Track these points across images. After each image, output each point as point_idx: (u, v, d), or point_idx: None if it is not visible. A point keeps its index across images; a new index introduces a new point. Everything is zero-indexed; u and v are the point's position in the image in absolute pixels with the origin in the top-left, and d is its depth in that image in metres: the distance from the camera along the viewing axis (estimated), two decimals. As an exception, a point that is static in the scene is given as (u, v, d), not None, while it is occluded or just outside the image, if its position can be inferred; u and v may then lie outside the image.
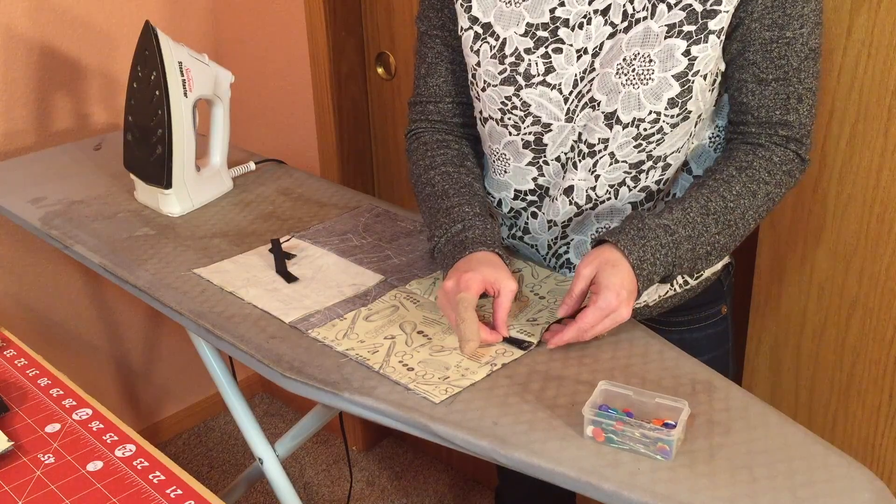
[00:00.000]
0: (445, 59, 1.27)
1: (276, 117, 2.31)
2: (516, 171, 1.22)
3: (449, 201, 1.20)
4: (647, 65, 1.08)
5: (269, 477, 1.55)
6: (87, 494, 0.95)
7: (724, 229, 1.10)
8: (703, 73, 1.09)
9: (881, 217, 1.40)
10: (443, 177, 1.24)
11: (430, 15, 1.26)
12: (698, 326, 1.33)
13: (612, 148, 1.13)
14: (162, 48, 1.46)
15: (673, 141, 1.13)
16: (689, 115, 1.12)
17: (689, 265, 1.10)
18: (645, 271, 1.05)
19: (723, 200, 1.10)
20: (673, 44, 1.07)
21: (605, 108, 1.11)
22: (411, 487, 2.35)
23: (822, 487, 0.85)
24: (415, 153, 1.31)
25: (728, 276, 1.35)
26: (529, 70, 1.14)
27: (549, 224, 1.23)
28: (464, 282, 1.08)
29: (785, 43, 1.08)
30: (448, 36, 1.25)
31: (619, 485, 0.87)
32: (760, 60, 1.10)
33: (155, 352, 2.48)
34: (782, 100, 1.11)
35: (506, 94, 1.16)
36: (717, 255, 1.12)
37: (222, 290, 1.27)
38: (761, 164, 1.12)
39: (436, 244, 1.19)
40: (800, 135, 1.13)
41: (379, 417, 1.01)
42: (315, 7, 2.03)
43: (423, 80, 1.30)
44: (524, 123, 1.17)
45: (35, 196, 1.63)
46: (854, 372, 1.52)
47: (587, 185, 1.17)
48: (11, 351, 1.22)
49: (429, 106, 1.31)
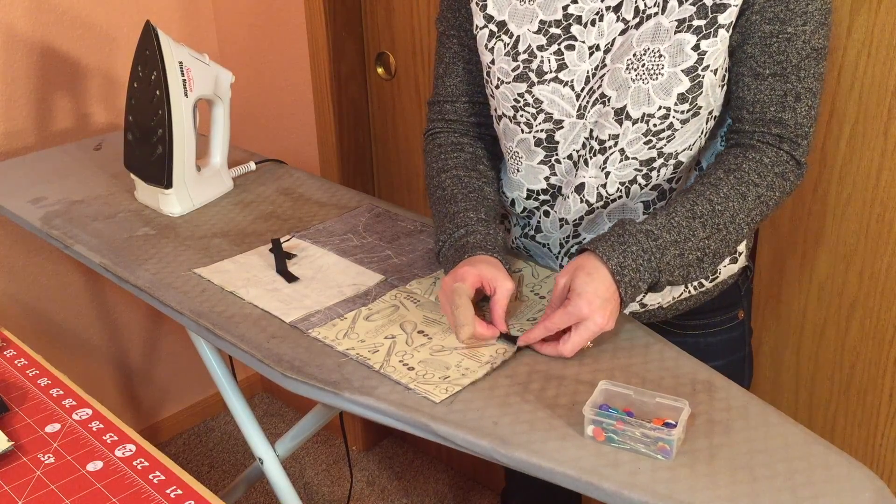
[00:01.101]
0: (462, 59, 1.27)
1: (276, 117, 2.31)
2: (528, 169, 1.22)
3: (456, 206, 1.21)
4: (656, 60, 1.08)
5: (269, 477, 1.55)
6: (87, 494, 0.95)
7: (714, 233, 1.07)
8: (712, 68, 1.08)
9: (881, 217, 1.40)
10: (453, 181, 1.24)
11: (447, 15, 1.27)
12: (714, 331, 1.31)
13: (623, 144, 1.13)
14: (162, 48, 1.46)
15: (684, 138, 1.12)
16: (699, 112, 1.10)
17: (681, 272, 1.06)
18: (626, 277, 1.02)
19: (709, 204, 1.07)
20: (683, 38, 1.06)
21: (614, 104, 1.11)
22: (411, 487, 2.35)
23: (822, 487, 0.85)
24: (430, 154, 1.31)
25: (746, 281, 1.32)
26: (542, 67, 1.14)
27: (561, 223, 1.23)
28: (459, 275, 1.09)
29: (785, 38, 1.07)
30: (465, 36, 1.25)
31: (620, 484, 0.87)
32: (759, 54, 1.08)
33: (155, 352, 2.48)
34: (778, 96, 1.09)
35: (518, 91, 1.16)
36: (710, 262, 1.08)
37: (223, 290, 1.27)
38: (751, 167, 1.09)
39: (440, 248, 1.20)
40: (794, 135, 1.10)
41: (379, 417, 1.01)
42: (315, 7, 2.03)
43: (441, 79, 1.31)
44: (536, 120, 1.17)
45: (35, 196, 1.63)
46: (854, 372, 1.52)
47: (598, 182, 1.16)
48: (11, 351, 1.22)
49: (445, 105, 1.31)
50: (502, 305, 1.09)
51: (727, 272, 1.26)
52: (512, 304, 1.15)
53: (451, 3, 1.25)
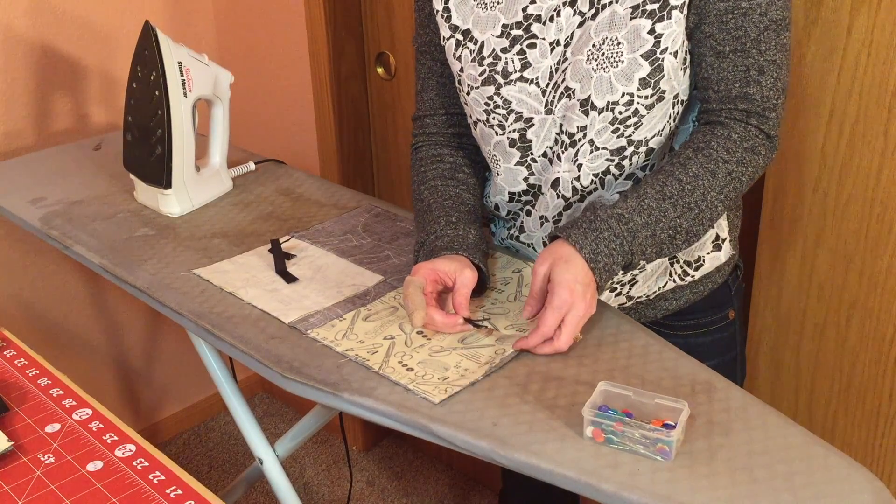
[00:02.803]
0: (436, 74, 1.30)
1: (276, 117, 2.31)
2: (507, 171, 1.23)
3: (430, 215, 1.23)
4: (615, 47, 1.09)
5: (269, 477, 1.55)
6: (87, 494, 0.95)
7: (685, 212, 1.08)
8: (671, 51, 1.08)
9: (881, 217, 1.40)
10: (430, 191, 1.27)
11: (420, 32, 1.30)
12: (704, 331, 1.32)
13: (591, 135, 1.14)
14: (162, 48, 1.46)
15: (652, 124, 1.13)
16: (663, 96, 1.11)
17: (654, 250, 1.08)
18: (600, 263, 1.05)
19: (679, 183, 1.08)
20: (638, 24, 1.08)
21: (579, 96, 1.12)
22: (411, 487, 2.35)
23: (822, 488, 0.85)
24: (413, 168, 1.34)
25: (736, 280, 1.33)
26: (507, 68, 1.16)
27: (542, 220, 1.24)
28: (412, 271, 1.13)
29: (741, 13, 1.06)
30: (436, 50, 1.28)
31: (619, 485, 0.87)
32: (717, 32, 1.08)
33: (155, 352, 2.48)
34: (741, 72, 1.09)
35: (488, 95, 1.19)
36: (683, 239, 1.10)
37: (222, 291, 1.27)
38: (719, 143, 1.09)
39: (416, 258, 1.21)
40: (762, 108, 1.10)
41: (378, 418, 1.01)
42: (315, 7, 2.03)
43: (420, 95, 1.34)
44: (508, 121, 1.19)
45: (35, 196, 1.63)
46: (854, 372, 1.52)
47: (572, 175, 1.17)
48: (11, 351, 1.22)
49: (426, 119, 1.34)
50: (462, 294, 1.11)
51: (713, 261, 1.26)
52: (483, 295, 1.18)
53: (422, 20, 1.28)
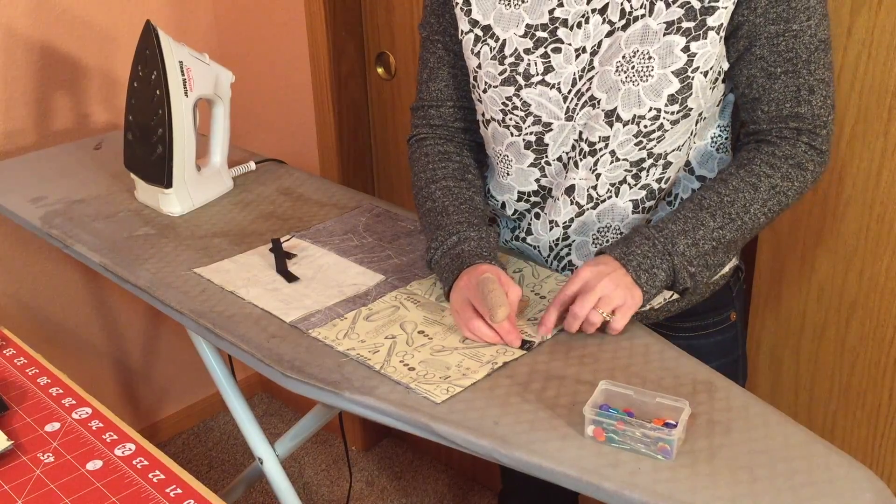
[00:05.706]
0: (447, 64, 1.28)
1: (276, 117, 2.31)
2: (519, 172, 1.23)
3: (448, 218, 1.22)
4: (646, 61, 1.08)
5: (269, 477, 1.55)
6: (87, 493, 0.95)
7: (727, 223, 1.10)
8: (703, 70, 1.09)
9: (881, 217, 1.40)
10: (444, 192, 1.25)
11: (431, 21, 1.27)
12: (705, 333, 1.31)
13: (613, 146, 1.14)
14: (163, 48, 1.46)
15: (674, 139, 1.13)
16: (689, 113, 1.12)
17: (700, 262, 1.10)
18: (633, 261, 1.07)
19: (717, 196, 1.11)
20: (672, 40, 1.07)
21: (605, 106, 1.12)
22: (411, 487, 2.35)
23: (822, 487, 0.85)
24: (417, 163, 1.31)
25: (738, 282, 1.33)
26: (529, 70, 1.15)
27: (551, 224, 1.23)
28: (479, 270, 1.11)
29: (792, 35, 1.08)
30: (449, 41, 1.26)
31: (620, 484, 0.87)
32: (768, 54, 1.09)
33: (155, 351, 2.48)
34: (793, 92, 1.10)
35: (506, 95, 1.17)
36: (723, 250, 1.13)
37: (223, 290, 1.27)
38: (762, 159, 1.12)
39: (431, 256, 1.21)
40: (812, 126, 1.12)
41: (380, 417, 1.01)
42: (315, 7, 2.03)
43: (426, 84, 1.31)
44: (525, 123, 1.18)
45: (35, 195, 1.63)
46: (854, 372, 1.52)
47: (588, 184, 1.17)
48: (11, 350, 1.22)
49: (430, 111, 1.31)
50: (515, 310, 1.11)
51: None
52: (521, 306, 1.16)
53: (434, 9, 1.26)
